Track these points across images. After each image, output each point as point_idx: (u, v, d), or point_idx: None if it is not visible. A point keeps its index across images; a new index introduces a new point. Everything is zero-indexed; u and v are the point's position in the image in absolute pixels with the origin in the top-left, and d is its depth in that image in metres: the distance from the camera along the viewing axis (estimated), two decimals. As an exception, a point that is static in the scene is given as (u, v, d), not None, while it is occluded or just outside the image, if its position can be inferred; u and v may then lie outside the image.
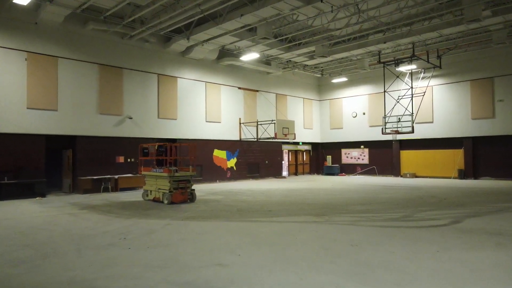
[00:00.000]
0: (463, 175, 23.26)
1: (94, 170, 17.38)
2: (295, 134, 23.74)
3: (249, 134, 24.53)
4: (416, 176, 25.22)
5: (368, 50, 22.09)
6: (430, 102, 24.48)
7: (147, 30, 17.75)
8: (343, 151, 29.60)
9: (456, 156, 23.82)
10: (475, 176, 23.02)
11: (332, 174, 29.05)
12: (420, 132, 23.75)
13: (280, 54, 22.76)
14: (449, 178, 23.78)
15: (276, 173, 26.69)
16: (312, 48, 21.56)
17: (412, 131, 20.88)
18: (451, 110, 23.87)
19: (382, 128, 22.05)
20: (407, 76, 24.02)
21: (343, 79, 27.94)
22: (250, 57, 21.54)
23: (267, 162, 26.04)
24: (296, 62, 24.99)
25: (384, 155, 27.20)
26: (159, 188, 13.28)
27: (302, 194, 15.76)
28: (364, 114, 27.94)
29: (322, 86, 30.46)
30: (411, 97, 22.02)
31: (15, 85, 15.27)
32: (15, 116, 15.24)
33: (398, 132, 21.40)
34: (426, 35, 19.31)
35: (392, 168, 26.64)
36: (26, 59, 15.59)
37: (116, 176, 17.65)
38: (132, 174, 18.29)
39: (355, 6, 16.09)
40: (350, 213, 10.60)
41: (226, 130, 23.46)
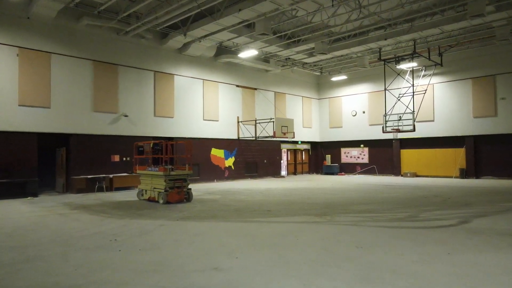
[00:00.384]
0: (464, 174, 22.90)
1: (89, 169, 16.92)
2: (294, 132, 23.33)
3: (247, 133, 24.11)
4: (417, 176, 24.85)
5: (369, 47, 21.69)
6: (431, 100, 24.11)
7: (143, 26, 17.30)
8: (343, 150, 29.21)
9: (458, 155, 23.47)
10: (477, 176, 22.67)
11: (332, 174, 28.66)
12: (420, 131, 23.38)
13: (279, 51, 22.35)
14: (450, 177, 23.42)
15: (274, 172, 26.28)
16: (311, 45, 21.16)
17: (413, 130, 20.50)
18: (453, 109, 23.51)
19: (383, 127, 21.67)
20: (408, 74, 23.65)
21: (343, 77, 27.55)
22: (248, 54, 21.12)
23: (265, 161, 25.63)
24: (295, 60, 24.59)
25: (384, 154, 26.83)
26: (154, 188, 12.85)
27: (302, 193, 15.36)
28: (364, 112, 27.56)
29: (321, 85, 30.07)
30: (412, 95, 21.64)
31: (6, 81, 14.79)
32: (6, 113, 14.76)
33: (399, 131, 21.03)
34: (427, 31, 18.94)
35: (393, 168, 26.27)
36: (17, 55, 15.11)
37: (111, 175, 17.21)
38: (127, 173, 17.85)
39: (355, 1, 15.70)
40: (353, 213, 10.20)
41: (224, 129, 23.03)
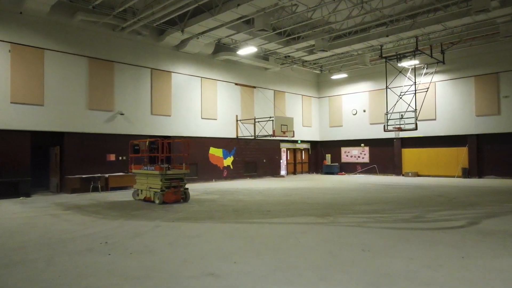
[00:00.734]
0: (467, 173, 22.52)
1: (83, 168, 16.49)
2: (293, 131, 22.91)
3: (246, 132, 23.70)
4: (418, 175, 24.45)
5: (370, 44, 21.29)
6: (432, 99, 23.71)
7: (139, 22, 16.87)
8: (343, 149, 28.80)
9: (460, 154, 23.08)
10: (480, 175, 22.29)
11: (332, 173, 28.26)
12: (422, 130, 22.96)
13: (279, 49, 21.94)
14: (452, 177, 23.03)
15: (274, 172, 25.87)
16: (311, 42, 20.74)
17: (416, 128, 20.13)
18: (455, 107, 23.12)
19: (384, 125, 21.28)
20: (409, 72, 23.26)
21: (343, 76, 27.13)
22: (247, 51, 20.69)
23: (265, 161, 25.22)
24: (295, 57, 24.17)
25: (385, 153, 26.43)
26: (150, 187, 12.43)
27: (302, 193, 14.95)
28: (364, 111, 27.16)
29: (321, 83, 29.66)
30: (414, 93, 21.26)
31: (-3, 78, 14.38)
32: (-2, 111, 14.35)
33: (401, 129, 20.64)
34: (430, 27, 18.52)
35: (394, 167, 25.87)
36: (9, 51, 14.66)
37: (107, 175, 16.77)
38: (124, 172, 17.42)
39: (357, -4, 15.32)
40: (356, 213, 9.80)
41: (223, 128, 22.61)
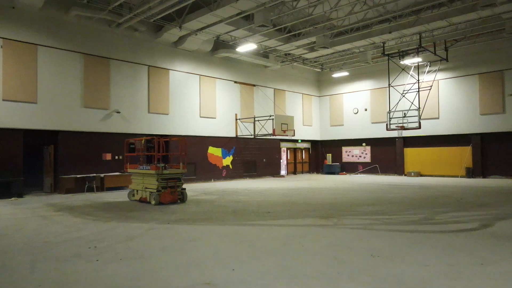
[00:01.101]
0: (471, 173, 22.06)
1: (78, 168, 16.03)
2: (294, 130, 22.44)
3: (245, 131, 23.23)
4: (421, 175, 24.01)
5: (372, 41, 20.83)
6: (435, 97, 23.26)
7: (135, 17, 16.40)
8: (344, 149, 28.35)
9: (464, 154, 22.63)
10: (484, 175, 21.84)
11: (333, 173, 27.80)
12: (425, 129, 22.40)
13: (279, 46, 21.47)
14: (456, 177, 22.59)
15: (274, 171, 25.41)
16: (312, 39, 20.29)
17: (419, 127, 19.67)
18: (458, 105, 22.66)
19: (387, 124, 20.82)
20: (412, 69, 22.81)
21: (344, 74, 26.65)
22: (246, 48, 20.22)
23: (264, 160, 24.76)
24: (295, 55, 23.72)
25: (387, 153, 25.98)
26: (146, 187, 11.98)
27: (303, 193, 14.50)
28: (366, 110, 26.70)
29: (322, 81, 29.20)
30: (418, 91, 20.81)
31: (-12, 74, 13.92)
32: (-11, 108, 13.90)
33: (404, 128, 20.19)
34: (434, 24, 18.09)
35: (396, 167, 25.42)
36: (1, 46, 14.19)
37: (102, 175, 16.31)
38: (120, 172, 16.95)
39: (360, -10, 14.87)
40: (361, 215, 9.34)
41: (222, 126, 22.14)
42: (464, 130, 22.42)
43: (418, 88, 20.82)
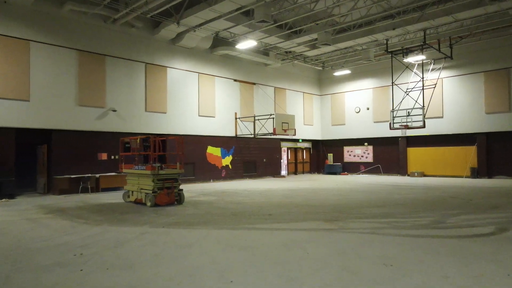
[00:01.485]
0: (476, 174, 21.54)
1: (73, 168, 15.51)
2: (295, 129, 21.90)
3: (245, 130, 22.71)
4: (425, 175, 23.49)
5: (375, 38, 20.29)
6: (439, 96, 22.72)
7: (132, 13, 15.88)
8: (346, 148, 27.83)
9: (469, 154, 22.11)
10: (490, 175, 21.32)
11: (334, 173, 27.28)
12: (429, 128, 21.86)
13: (279, 43, 20.95)
14: (460, 177, 22.07)
15: (274, 172, 24.90)
16: (314, 36, 19.78)
17: (424, 126, 19.17)
18: (463, 104, 22.14)
19: (390, 123, 20.32)
20: (416, 67, 22.30)
21: (346, 72, 26.12)
22: (246, 45, 19.69)
23: (265, 160, 24.24)
24: (296, 53, 23.20)
25: (390, 152, 25.46)
26: (142, 188, 11.46)
27: (305, 195, 13.98)
28: (368, 109, 26.18)
29: (323, 80, 28.68)
30: (422, 89, 20.29)
31: (-22, 71, 13.41)
32: (-21, 106, 13.39)
33: (408, 127, 19.67)
34: (439, 20, 17.57)
35: (399, 167, 24.90)
36: (-8, 42, 13.74)
37: (98, 175, 15.79)
38: (116, 172, 16.43)
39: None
40: (367, 217, 8.83)
41: (221, 126, 21.62)
42: (469, 129, 21.91)
43: (423, 86, 20.30)
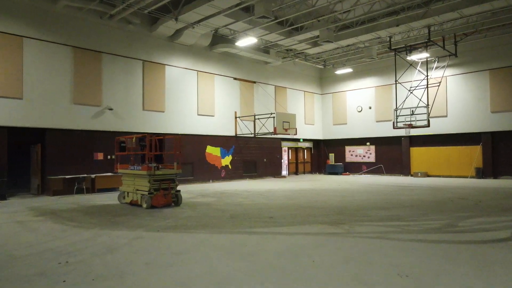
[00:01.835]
0: (481, 174, 21.08)
1: (68, 168, 15.05)
2: (296, 128, 21.43)
3: (245, 129, 22.25)
4: (428, 175, 23.03)
5: (378, 35, 19.85)
6: (443, 95, 22.26)
7: (129, 9, 15.42)
8: (347, 148, 27.36)
9: (473, 153, 21.65)
10: (495, 175, 20.85)
11: (335, 173, 26.82)
12: (432, 127, 21.29)
13: (280, 40, 20.50)
14: (465, 177, 21.61)
15: (275, 172, 24.44)
16: (315, 33, 19.32)
17: (428, 125, 18.73)
18: (468, 103, 21.67)
19: (393, 122, 19.89)
20: (419, 65, 21.85)
21: (348, 70, 25.66)
22: (246, 42, 19.22)
23: (265, 160, 23.78)
24: (297, 51, 22.75)
25: (392, 152, 25.00)
26: (137, 189, 11.01)
27: (308, 195, 13.52)
28: (370, 108, 25.71)
29: (324, 79, 28.21)
30: (426, 87, 19.83)
31: (-31, 67, 12.95)
32: (-30, 104, 12.93)
33: (412, 126, 19.22)
34: (444, 16, 17.13)
35: (401, 167, 24.44)
36: (-17, 38, 13.28)
37: (93, 175, 15.34)
38: (112, 173, 15.97)
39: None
40: (374, 220, 8.37)
41: (221, 125, 21.16)
42: (473, 128, 21.45)
43: (427, 84, 19.84)
